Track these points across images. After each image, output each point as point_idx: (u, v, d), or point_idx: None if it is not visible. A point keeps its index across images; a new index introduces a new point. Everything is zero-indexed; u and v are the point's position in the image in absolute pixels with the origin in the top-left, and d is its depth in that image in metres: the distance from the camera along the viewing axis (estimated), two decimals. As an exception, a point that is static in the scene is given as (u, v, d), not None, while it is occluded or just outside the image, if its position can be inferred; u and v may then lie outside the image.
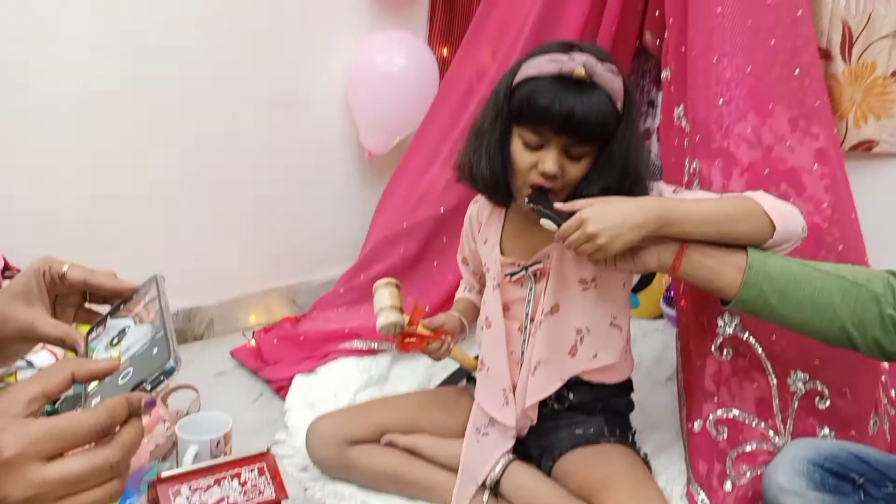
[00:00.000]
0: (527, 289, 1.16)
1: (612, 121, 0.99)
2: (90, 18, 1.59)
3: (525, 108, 0.99)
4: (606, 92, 0.97)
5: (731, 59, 1.28)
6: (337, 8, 2.03)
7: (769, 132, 1.25)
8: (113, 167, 1.71)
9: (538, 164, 1.00)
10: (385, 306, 1.13)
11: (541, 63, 0.98)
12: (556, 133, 0.98)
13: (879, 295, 0.88)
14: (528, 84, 0.99)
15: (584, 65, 0.95)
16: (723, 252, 0.93)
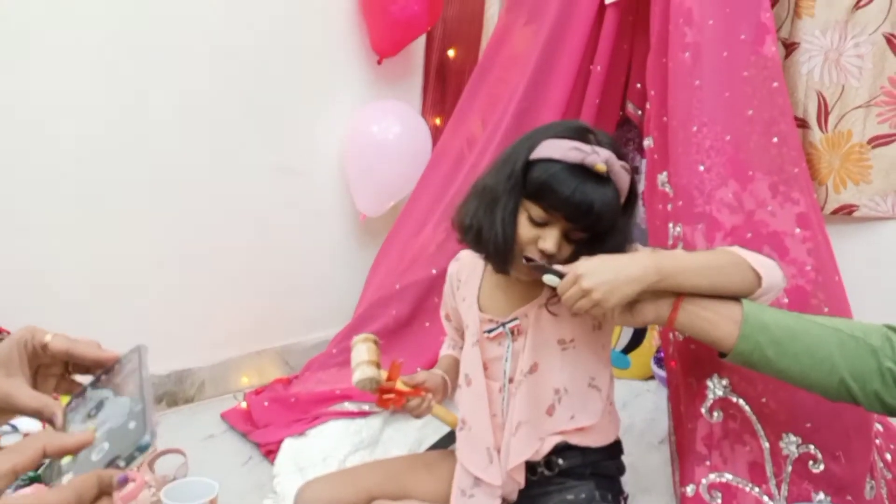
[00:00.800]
0: (504, 347, 1.16)
1: (616, 214, 1.03)
2: (92, 84, 1.64)
3: (543, 190, 1.00)
4: (617, 187, 1.01)
5: (711, 129, 1.34)
6: (335, 80, 2.12)
7: (750, 197, 1.29)
8: (109, 229, 1.73)
9: (538, 240, 1.03)
10: (362, 361, 1.12)
11: (564, 148, 0.99)
12: (569, 219, 1.01)
13: (877, 348, 0.88)
14: (548, 166, 1.00)
15: (606, 160, 0.98)
16: (718, 304, 0.94)
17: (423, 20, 2.13)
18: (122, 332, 1.75)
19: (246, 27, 1.87)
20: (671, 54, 1.47)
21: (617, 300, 0.94)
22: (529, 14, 1.82)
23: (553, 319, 1.11)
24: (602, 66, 1.71)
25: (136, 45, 1.68)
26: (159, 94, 1.75)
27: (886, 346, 0.87)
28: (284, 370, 2.11)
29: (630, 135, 1.92)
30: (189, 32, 1.76)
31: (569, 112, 1.76)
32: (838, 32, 1.58)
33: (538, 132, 1.07)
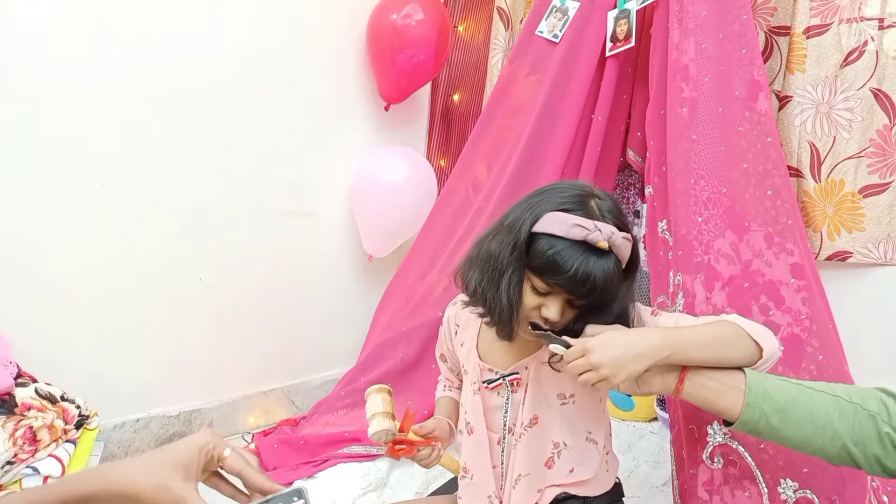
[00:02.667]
0: (504, 397, 1.17)
1: (618, 283, 1.02)
2: (107, 127, 1.69)
3: (546, 266, 1.00)
4: (618, 258, 1.01)
5: (708, 181, 1.39)
6: (344, 125, 2.19)
7: (747, 248, 1.34)
8: (119, 270, 1.77)
9: (542, 308, 1.03)
10: (377, 412, 1.13)
11: (567, 224, 0.99)
12: (568, 292, 1.02)
13: (875, 414, 0.90)
14: (550, 241, 1.00)
15: (608, 238, 0.99)
16: (722, 374, 0.96)
17: (429, 68, 2.20)
18: (130, 372, 1.82)
19: (259, 75, 1.95)
20: (669, 108, 1.53)
21: (625, 377, 0.96)
22: (532, 65, 1.89)
23: (553, 374, 1.13)
24: (603, 116, 1.78)
25: (153, 90, 1.74)
26: (173, 139, 1.81)
27: (883, 411, 0.89)
28: (291, 410, 2.14)
29: (631, 179, 1.98)
30: (204, 79, 1.83)
31: (571, 159, 1.82)
32: (828, 87, 1.65)
33: (541, 199, 1.06)
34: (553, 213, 1.01)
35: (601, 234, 0.98)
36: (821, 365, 1.27)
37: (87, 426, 1.46)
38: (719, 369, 0.96)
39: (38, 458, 1.32)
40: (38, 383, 1.42)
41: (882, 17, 1.62)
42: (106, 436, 1.74)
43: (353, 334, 2.21)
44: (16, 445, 1.29)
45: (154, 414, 1.87)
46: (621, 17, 1.69)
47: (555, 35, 1.84)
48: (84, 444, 1.44)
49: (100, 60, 1.65)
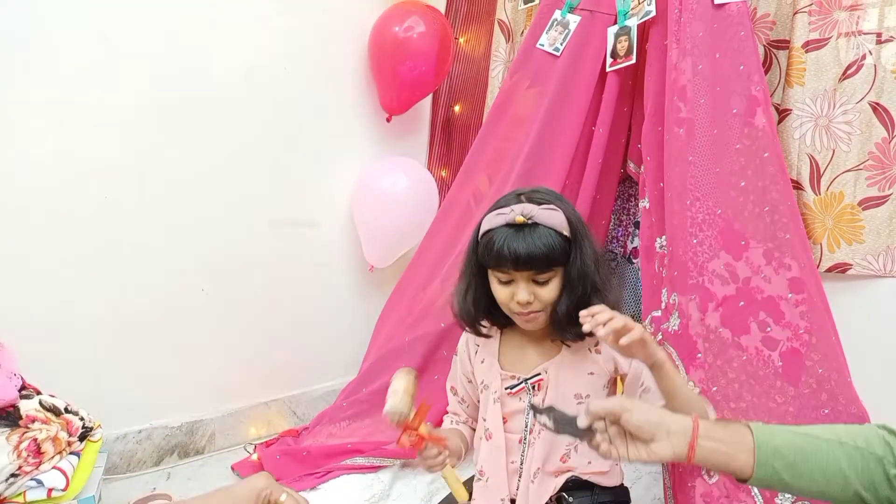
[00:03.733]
0: (525, 401, 1.25)
1: (560, 247, 1.14)
2: (112, 142, 1.70)
3: (487, 256, 1.17)
4: (549, 227, 1.14)
5: (703, 203, 1.40)
6: (346, 137, 2.20)
7: (745, 266, 1.35)
8: (124, 287, 1.78)
9: (514, 297, 1.16)
10: (398, 391, 1.16)
11: (492, 218, 1.17)
12: (517, 269, 1.14)
13: (881, 457, 0.90)
14: (486, 236, 1.17)
15: (521, 212, 1.14)
16: (731, 434, 0.95)
17: (430, 80, 2.22)
18: (132, 383, 1.82)
19: (262, 87, 1.96)
20: (667, 128, 1.54)
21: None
22: (533, 78, 1.90)
23: (571, 376, 1.23)
24: (604, 128, 1.78)
25: (155, 103, 1.75)
26: (176, 150, 1.82)
27: (889, 453, 0.89)
28: (293, 420, 2.15)
29: (631, 191, 1.99)
30: (207, 92, 1.85)
31: (573, 171, 1.83)
32: (827, 101, 1.66)
33: (483, 214, 1.22)
34: (486, 215, 1.19)
35: (515, 212, 1.13)
36: (821, 378, 1.27)
37: (90, 438, 1.47)
38: (728, 429, 0.95)
39: (42, 470, 1.32)
40: (42, 395, 1.43)
41: (880, 31, 1.63)
42: (108, 447, 1.74)
43: (355, 345, 2.22)
44: (20, 458, 1.30)
45: (156, 425, 1.88)
46: (622, 34, 1.70)
47: (556, 48, 1.85)
48: (88, 455, 1.44)
49: (103, 72, 1.66)
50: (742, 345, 1.28)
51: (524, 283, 1.15)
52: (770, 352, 1.27)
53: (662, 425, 0.91)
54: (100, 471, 1.48)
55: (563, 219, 1.16)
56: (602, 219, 1.93)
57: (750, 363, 1.27)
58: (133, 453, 1.83)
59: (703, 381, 1.29)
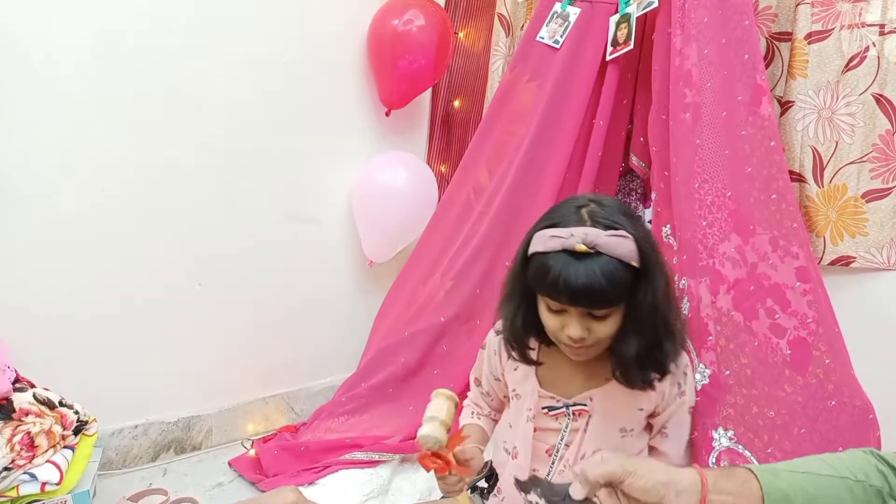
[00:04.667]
0: (562, 425, 1.15)
1: (626, 281, 0.98)
2: (111, 132, 1.68)
3: (537, 282, 1.02)
4: (615, 255, 0.97)
5: (712, 185, 1.39)
6: (345, 131, 2.18)
7: (752, 251, 1.33)
8: (121, 280, 1.75)
9: (565, 328, 1.03)
10: (437, 418, 1.08)
11: (545, 238, 1.01)
12: (572, 304, 1.00)
13: (880, 489, 0.88)
14: (537, 258, 1.02)
15: (583, 240, 0.97)
16: (739, 485, 0.90)
17: (429, 74, 2.20)
18: (128, 377, 1.80)
19: (260, 81, 1.94)
20: (672, 114, 1.53)
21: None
22: (533, 71, 1.89)
23: (619, 406, 1.12)
24: (604, 121, 1.77)
25: (152, 95, 1.72)
26: (173, 144, 1.79)
27: (885, 484, 0.88)
28: (290, 416, 2.12)
29: (632, 185, 1.97)
30: (204, 85, 1.82)
31: (573, 164, 1.81)
32: (830, 92, 1.65)
33: (539, 222, 1.08)
34: (539, 232, 1.03)
35: (575, 237, 0.98)
36: (828, 369, 1.26)
37: (85, 432, 1.45)
38: (734, 480, 0.89)
39: (35, 464, 1.30)
40: (36, 388, 1.41)
41: (883, 22, 1.62)
42: (104, 442, 1.72)
43: (354, 340, 2.20)
44: (13, 451, 1.27)
45: (153, 420, 1.85)
46: (622, 22, 1.69)
47: (555, 41, 1.84)
48: (83, 450, 1.42)
49: (100, 64, 1.64)
50: (753, 330, 1.27)
51: (578, 318, 1.01)
52: (778, 339, 1.25)
53: (670, 485, 0.83)
54: (95, 465, 1.46)
55: (634, 248, 0.99)
56: (603, 212, 1.91)
57: (760, 350, 1.25)
58: (129, 448, 1.80)
59: (715, 364, 1.27)
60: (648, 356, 1.04)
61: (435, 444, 1.06)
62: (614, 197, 1.96)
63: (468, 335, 1.85)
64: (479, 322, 1.84)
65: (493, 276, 1.83)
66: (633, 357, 1.03)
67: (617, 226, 1.00)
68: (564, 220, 1.03)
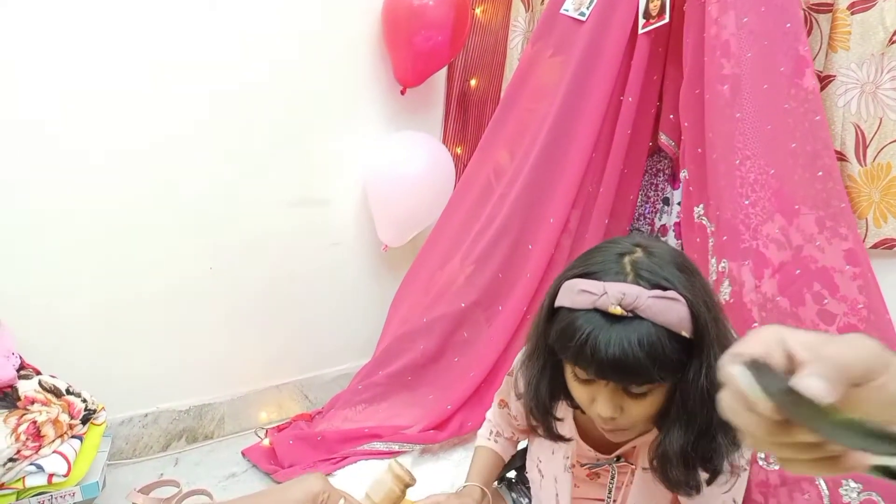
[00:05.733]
0: (606, 478, 1.01)
1: (672, 355, 0.78)
2: (118, 112, 1.61)
3: (560, 344, 0.83)
4: (661, 321, 0.78)
5: (754, 162, 1.31)
6: (358, 110, 2.10)
7: (797, 232, 1.25)
8: (129, 264, 1.70)
9: (594, 402, 0.85)
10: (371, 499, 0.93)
11: (574, 293, 0.82)
12: (601, 378, 0.82)
13: None
14: (564, 315, 0.83)
15: (620, 300, 0.78)
16: None
17: (445, 51, 2.12)
18: (137, 364, 1.74)
19: (271, 59, 1.86)
20: (708, 86, 1.45)
21: None
22: (556, 45, 1.81)
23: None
24: (633, 97, 1.69)
25: (162, 76, 1.66)
26: (182, 125, 1.72)
27: None
28: (305, 404, 2.07)
29: (660, 165, 1.89)
30: (214, 63, 1.75)
31: (599, 143, 1.74)
32: (874, 66, 1.55)
33: (573, 265, 0.89)
34: (568, 282, 0.84)
35: (610, 296, 0.78)
36: (879, 358, 1.18)
37: (94, 421, 1.39)
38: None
39: (42, 454, 1.24)
40: (42, 376, 1.35)
41: (930, -8, 1.53)
42: (113, 431, 1.67)
43: (368, 327, 2.14)
44: (18, 441, 1.22)
45: (163, 408, 1.80)
46: (656, -8, 1.60)
47: (581, 13, 1.75)
48: (91, 439, 1.36)
49: (105, 38, 1.57)
50: (800, 316, 1.19)
51: (609, 393, 0.82)
52: (827, 326, 1.18)
53: None
54: (104, 455, 1.40)
55: (685, 313, 0.78)
56: (630, 194, 1.84)
57: (809, 338, 1.17)
58: (139, 437, 1.75)
59: (759, 356, 1.20)
60: (696, 451, 0.84)
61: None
62: (642, 177, 1.89)
63: (489, 322, 1.78)
64: (500, 308, 1.77)
65: (515, 260, 1.77)
66: (676, 453, 0.84)
67: (666, 283, 0.80)
68: (601, 268, 0.83)
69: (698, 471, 0.86)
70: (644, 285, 0.79)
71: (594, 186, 1.77)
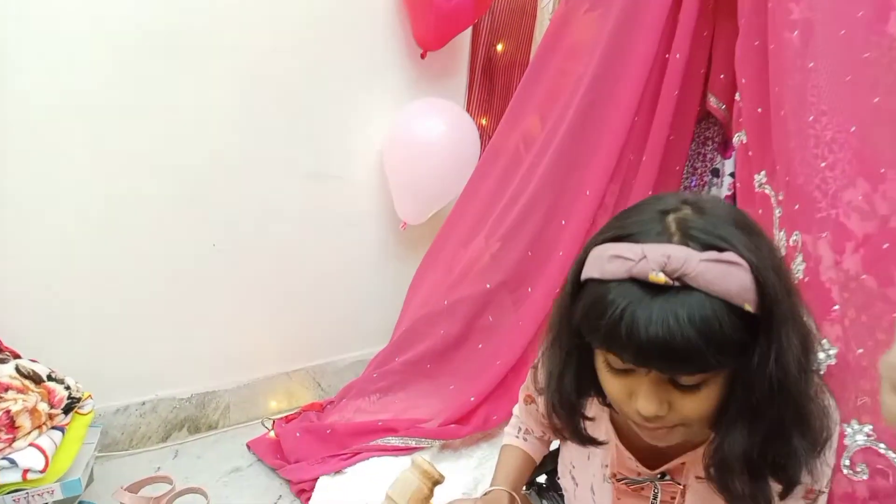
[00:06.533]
0: (642, 498, 0.85)
1: (733, 335, 0.62)
2: (123, 88, 1.50)
3: (587, 325, 0.67)
4: (714, 295, 0.61)
5: (832, 118, 1.12)
6: (374, 75, 1.96)
7: (884, 200, 1.06)
8: (126, 236, 1.58)
9: (633, 396, 0.69)
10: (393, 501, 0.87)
11: (604, 259, 0.66)
12: (641, 365, 0.65)
13: None
14: (592, 288, 0.66)
15: (663, 265, 0.62)
16: None
17: (469, 11, 1.96)
18: (136, 349, 1.62)
19: (282, 19, 1.72)
20: (773, 35, 1.27)
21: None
22: (593, -1, 1.63)
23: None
24: (682, 55, 1.52)
25: (164, 35, 1.54)
26: (184, 88, 1.60)
27: None
28: (317, 393, 1.96)
29: (708, 132, 1.71)
30: (222, 24, 1.62)
31: (643, 107, 1.57)
32: (967, 10, 1.35)
33: (605, 227, 0.73)
34: (598, 247, 0.68)
35: (650, 260, 0.62)
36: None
37: (78, 410, 1.26)
38: None
39: (16, 448, 1.11)
40: (20, 360, 1.23)
41: None
42: (107, 421, 1.55)
43: (386, 310, 2.01)
44: (-9, 432, 1.09)
45: (163, 396, 1.69)
46: (711, -71, 1.41)
47: (621, -39, 1.57)
48: (75, 431, 1.23)
49: (111, 9, 1.45)
50: (890, 298, 1.01)
51: (652, 385, 0.66)
52: (923, 310, 0.99)
53: None
54: (90, 448, 1.27)
55: (749, 282, 0.62)
56: (676, 164, 1.67)
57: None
58: (136, 428, 1.63)
59: (842, 341, 1.01)
60: (764, 457, 0.68)
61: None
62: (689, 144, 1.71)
63: (516, 305, 1.63)
64: (529, 290, 1.62)
65: (546, 236, 1.62)
66: (738, 457, 0.68)
67: (723, 244, 0.64)
68: (640, 229, 0.67)
69: (768, 481, 0.70)
70: (694, 247, 0.63)
71: (636, 155, 1.60)
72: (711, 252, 0.62)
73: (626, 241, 0.65)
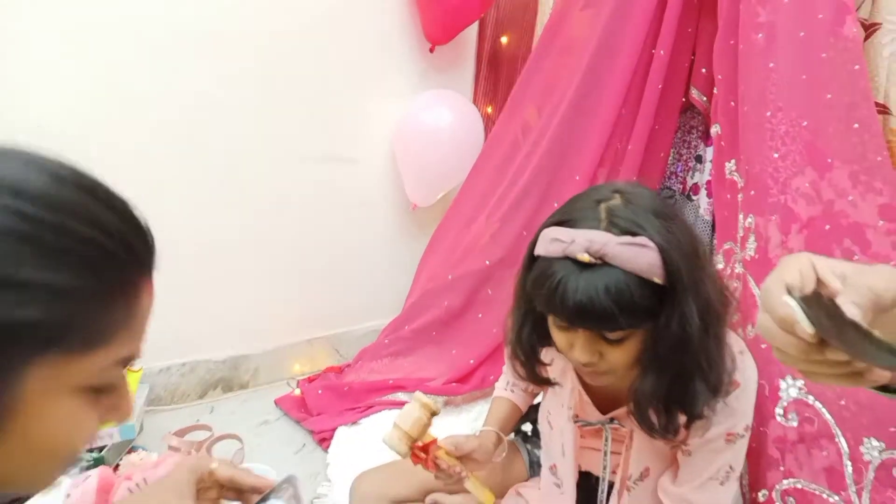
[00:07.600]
0: (602, 438, 1.02)
1: (643, 301, 0.79)
2: (144, 74, 1.64)
3: (534, 293, 0.85)
4: (632, 268, 0.78)
5: (786, 114, 1.26)
6: (386, 68, 2.09)
7: (829, 187, 1.21)
8: (163, 221, 1.70)
9: (573, 348, 0.86)
10: (401, 428, 0.98)
11: (547, 241, 0.83)
12: (572, 325, 0.84)
13: None
14: (541, 263, 0.84)
15: (587, 247, 0.78)
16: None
17: (475, 7, 2.08)
18: (178, 316, 1.78)
19: (297, 13, 1.86)
20: (742, 35, 1.39)
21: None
22: (588, -2, 1.76)
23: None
24: (666, 51, 1.64)
25: (186, 27, 1.67)
26: (206, 79, 1.73)
27: None
28: (335, 359, 2.12)
29: (693, 122, 1.83)
30: (240, 18, 1.75)
31: (630, 99, 1.69)
32: (925, 11, 1.47)
33: (549, 218, 0.91)
34: (545, 230, 0.86)
35: (578, 243, 0.79)
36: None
37: (130, 368, 1.45)
38: None
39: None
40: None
41: None
42: (152, 380, 1.75)
43: (397, 285, 2.16)
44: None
45: (200, 359, 1.87)
46: (691, -63, 1.53)
47: (614, -37, 1.69)
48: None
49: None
50: (826, 273, 1.16)
51: (586, 339, 0.84)
52: (855, 283, 1.14)
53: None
54: (141, 401, 1.47)
55: (655, 260, 0.79)
56: (661, 151, 1.79)
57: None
58: (177, 386, 1.83)
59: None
60: (670, 397, 0.85)
61: (398, 455, 0.99)
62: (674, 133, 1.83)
63: (514, 279, 1.79)
64: (525, 266, 1.77)
65: (540, 218, 1.69)
66: (646, 397, 0.86)
67: (638, 230, 0.80)
68: (579, 216, 0.84)
69: (676, 415, 0.88)
70: (615, 232, 0.80)
71: (622, 144, 1.73)
72: (627, 237, 0.80)
73: (565, 226, 0.84)
